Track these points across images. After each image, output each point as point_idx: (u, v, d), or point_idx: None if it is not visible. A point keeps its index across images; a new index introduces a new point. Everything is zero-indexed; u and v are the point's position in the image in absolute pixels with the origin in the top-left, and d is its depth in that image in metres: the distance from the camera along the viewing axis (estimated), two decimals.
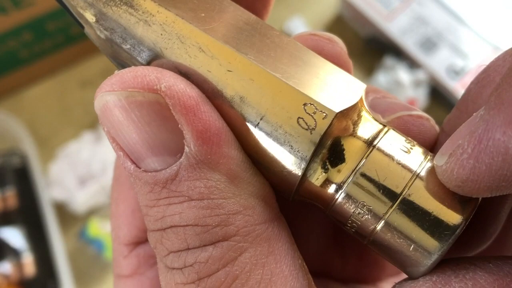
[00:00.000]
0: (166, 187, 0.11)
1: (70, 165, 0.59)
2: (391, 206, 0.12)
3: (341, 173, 0.12)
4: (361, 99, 0.13)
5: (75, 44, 0.67)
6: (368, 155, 0.12)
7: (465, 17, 0.65)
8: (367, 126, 0.13)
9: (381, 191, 0.12)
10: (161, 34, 0.13)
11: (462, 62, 0.64)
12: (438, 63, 0.64)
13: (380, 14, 0.66)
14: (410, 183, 0.12)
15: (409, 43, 0.65)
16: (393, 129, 0.13)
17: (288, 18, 0.71)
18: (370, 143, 0.12)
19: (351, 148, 0.12)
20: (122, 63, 0.14)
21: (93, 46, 0.67)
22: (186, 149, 0.11)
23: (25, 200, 0.59)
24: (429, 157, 0.13)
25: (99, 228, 0.58)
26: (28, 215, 0.59)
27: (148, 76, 0.11)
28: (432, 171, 0.12)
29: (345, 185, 0.12)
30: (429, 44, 0.65)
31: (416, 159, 0.12)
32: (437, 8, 0.66)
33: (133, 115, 0.11)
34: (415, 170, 0.12)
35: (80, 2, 0.14)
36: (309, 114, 0.12)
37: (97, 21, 0.14)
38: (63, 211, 0.61)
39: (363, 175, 0.12)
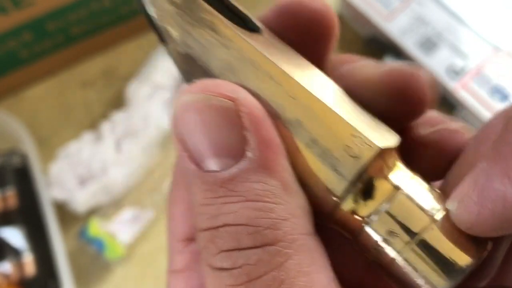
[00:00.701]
0: (224, 186, 0.12)
1: (70, 165, 0.60)
2: (408, 243, 0.14)
3: (368, 207, 0.14)
4: (397, 147, 0.15)
5: (75, 44, 0.67)
6: (394, 197, 0.14)
7: (465, 17, 0.66)
8: (397, 172, 0.15)
9: (401, 229, 0.14)
10: (237, 58, 0.15)
11: (462, 62, 0.64)
12: (438, 63, 0.64)
13: (380, 14, 0.66)
14: (428, 225, 0.14)
15: (409, 43, 0.65)
16: (418, 177, 0.15)
17: None
18: (397, 187, 0.15)
19: (381, 188, 0.14)
20: (195, 79, 0.15)
21: (93, 46, 0.68)
22: (249, 154, 0.12)
23: (25, 200, 0.59)
24: (445, 202, 0.15)
25: (100, 228, 0.58)
26: (28, 214, 0.59)
27: (226, 86, 0.13)
28: (447, 215, 0.14)
29: (371, 219, 0.14)
30: (429, 44, 0.65)
31: (435, 204, 0.15)
32: (437, 8, 0.66)
33: (206, 117, 0.12)
34: (433, 213, 0.15)
35: (169, 20, 0.16)
36: (356, 145, 0.14)
37: (181, 38, 0.16)
38: (63, 211, 0.61)
39: (388, 213, 0.14)
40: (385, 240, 0.14)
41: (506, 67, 0.63)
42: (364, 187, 0.14)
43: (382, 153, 0.14)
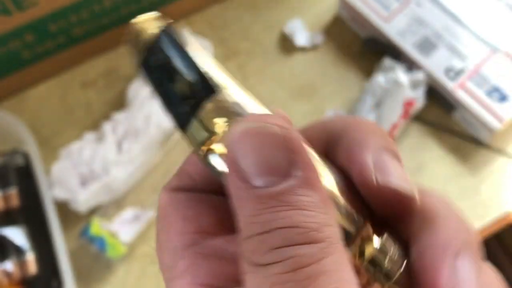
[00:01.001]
0: (275, 198, 0.14)
1: (72, 164, 0.60)
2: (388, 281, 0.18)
3: (365, 253, 0.18)
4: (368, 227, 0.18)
5: (77, 45, 0.67)
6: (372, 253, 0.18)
7: (464, 18, 0.66)
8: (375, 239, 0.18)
9: (383, 272, 0.18)
10: None
11: (460, 63, 0.64)
12: (436, 63, 0.64)
13: (379, 15, 0.67)
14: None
15: (407, 44, 0.65)
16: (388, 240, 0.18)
17: (288, 19, 0.72)
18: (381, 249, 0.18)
19: (368, 245, 0.18)
20: None
21: (95, 47, 0.67)
22: (297, 173, 0.14)
23: (27, 199, 0.60)
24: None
25: (101, 227, 0.59)
26: (30, 214, 0.59)
27: (278, 117, 0.16)
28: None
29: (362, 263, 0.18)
30: (428, 45, 0.65)
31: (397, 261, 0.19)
32: (436, 10, 0.67)
33: (260, 141, 0.15)
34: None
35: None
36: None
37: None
38: (65, 210, 0.61)
39: (371, 261, 0.18)
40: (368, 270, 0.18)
41: (504, 68, 0.64)
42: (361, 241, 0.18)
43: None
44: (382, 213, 0.18)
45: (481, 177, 0.64)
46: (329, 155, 0.18)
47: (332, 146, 0.18)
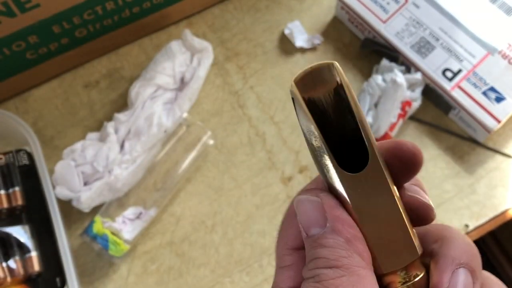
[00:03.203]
0: (315, 241, 0.22)
1: (75, 164, 0.61)
2: None
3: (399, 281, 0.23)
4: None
5: (80, 46, 0.68)
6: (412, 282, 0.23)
7: (461, 20, 0.67)
8: (416, 270, 0.23)
9: None
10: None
11: (457, 64, 0.65)
12: (433, 64, 0.65)
13: (376, 17, 0.68)
14: None
15: (405, 45, 0.66)
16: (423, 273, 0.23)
17: (287, 21, 0.73)
18: (414, 278, 0.23)
19: (408, 276, 0.23)
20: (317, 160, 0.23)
21: (97, 48, 0.68)
22: (329, 224, 0.22)
23: (31, 198, 0.60)
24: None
25: (104, 226, 0.59)
26: (34, 213, 0.60)
27: (317, 191, 0.23)
28: None
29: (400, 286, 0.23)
30: (425, 47, 0.66)
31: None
32: (433, 11, 0.67)
33: (306, 207, 0.23)
34: None
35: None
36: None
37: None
38: (68, 209, 0.62)
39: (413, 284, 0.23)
40: None
41: (500, 68, 0.65)
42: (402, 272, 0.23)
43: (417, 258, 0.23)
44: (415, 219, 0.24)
45: (477, 176, 0.65)
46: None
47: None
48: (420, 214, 0.23)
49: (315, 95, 0.22)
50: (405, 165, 0.23)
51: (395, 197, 0.22)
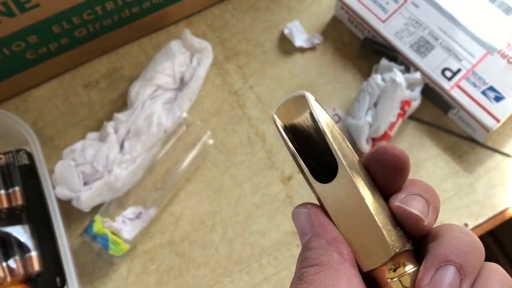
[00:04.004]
0: (305, 246, 0.25)
1: (75, 164, 0.61)
2: None
3: (391, 276, 0.24)
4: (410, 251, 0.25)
5: (80, 46, 0.68)
6: (404, 276, 0.24)
7: (460, 19, 0.67)
8: (408, 264, 0.25)
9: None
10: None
11: (456, 64, 0.65)
12: (433, 64, 0.65)
13: (375, 16, 0.68)
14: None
15: (405, 45, 0.66)
16: (415, 266, 0.24)
17: (287, 21, 0.73)
18: (405, 273, 0.24)
19: (399, 271, 0.24)
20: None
21: (97, 48, 0.68)
22: (314, 230, 0.25)
23: (31, 198, 0.60)
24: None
25: (104, 225, 0.59)
26: (34, 212, 0.60)
27: (306, 205, 0.26)
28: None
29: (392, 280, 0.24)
30: (425, 46, 0.66)
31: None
32: (432, 10, 0.67)
33: (300, 218, 0.25)
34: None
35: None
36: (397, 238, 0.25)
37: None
38: (68, 209, 0.62)
39: (400, 281, 0.24)
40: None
41: (499, 68, 0.65)
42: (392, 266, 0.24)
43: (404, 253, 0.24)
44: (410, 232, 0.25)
45: (477, 175, 0.65)
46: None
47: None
48: (410, 225, 0.24)
49: (295, 121, 0.26)
50: (389, 169, 0.25)
51: (366, 203, 0.24)
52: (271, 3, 0.74)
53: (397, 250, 0.24)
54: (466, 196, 0.64)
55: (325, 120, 0.25)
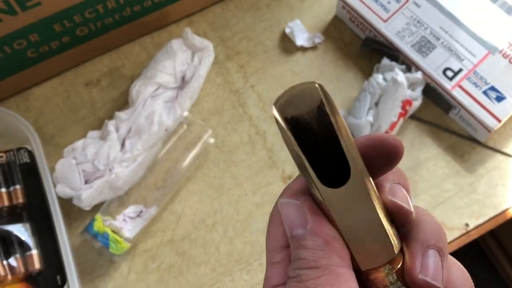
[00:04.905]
0: (297, 241, 0.24)
1: (76, 162, 0.61)
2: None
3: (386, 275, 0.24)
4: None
5: (81, 45, 0.68)
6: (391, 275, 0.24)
7: (461, 19, 0.67)
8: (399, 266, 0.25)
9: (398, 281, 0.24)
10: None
11: (458, 63, 0.65)
12: (434, 63, 0.65)
13: (377, 16, 0.68)
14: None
15: (406, 44, 0.66)
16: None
17: (288, 20, 0.73)
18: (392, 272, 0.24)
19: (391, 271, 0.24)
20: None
21: (98, 47, 0.68)
22: (308, 227, 0.23)
23: (32, 196, 0.60)
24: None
25: (104, 224, 0.59)
26: (35, 211, 0.60)
27: (297, 190, 0.25)
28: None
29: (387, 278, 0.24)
30: (426, 46, 0.66)
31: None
32: (434, 10, 0.67)
33: (289, 209, 0.24)
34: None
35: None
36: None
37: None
38: (69, 207, 0.62)
39: (392, 283, 0.24)
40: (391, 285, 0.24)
41: (501, 68, 0.65)
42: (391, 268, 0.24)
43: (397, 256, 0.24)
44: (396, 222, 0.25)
45: (478, 175, 0.65)
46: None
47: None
48: (400, 218, 0.25)
49: (297, 113, 0.23)
50: (386, 158, 0.25)
51: (376, 209, 0.23)
52: (272, 2, 0.74)
53: (398, 249, 0.24)
54: (467, 196, 0.64)
55: (339, 119, 0.23)
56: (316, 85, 0.23)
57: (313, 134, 0.23)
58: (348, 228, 0.23)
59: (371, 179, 0.24)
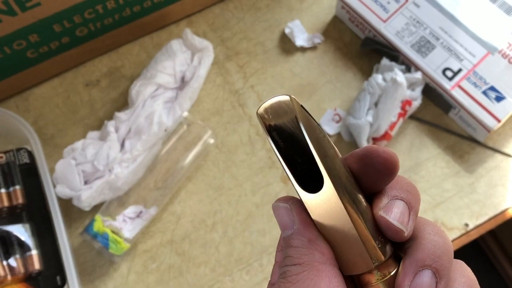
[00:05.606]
0: (285, 241, 0.25)
1: (75, 163, 0.61)
2: None
3: (376, 279, 0.25)
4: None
5: (81, 45, 0.68)
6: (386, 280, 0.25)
7: (461, 19, 0.67)
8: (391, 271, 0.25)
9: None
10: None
11: (457, 63, 0.65)
12: (434, 64, 0.65)
13: (376, 16, 0.68)
14: None
15: (405, 45, 0.66)
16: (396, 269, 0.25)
17: (287, 20, 0.73)
18: (386, 276, 0.25)
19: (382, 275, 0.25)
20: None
21: (98, 47, 0.68)
22: (295, 227, 0.25)
23: (31, 196, 0.60)
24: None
25: (104, 224, 0.59)
26: (35, 211, 0.60)
27: (288, 199, 0.26)
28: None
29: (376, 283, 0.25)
30: (426, 46, 0.66)
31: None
32: (433, 10, 0.67)
33: (281, 212, 0.26)
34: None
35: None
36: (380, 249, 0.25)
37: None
38: (69, 207, 0.62)
39: (379, 285, 0.25)
40: None
41: (500, 68, 0.65)
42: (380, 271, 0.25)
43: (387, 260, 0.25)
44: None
45: (477, 175, 0.65)
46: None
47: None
48: (390, 235, 0.25)
49: (280, 122, 0.25)
50: (379, 171, 0.25)
51: (350, 220, 0.24)
52: (272, 2, 0.74)
53: (376, 264, 0.24)
54: (467, 196, 0.64)
55: (310, 131, 0.24)
56: (289, 98, 0.24)
57: (296, 140, 0.25)
58: (325, 232, 0.25)
59: (356, 189, 0.25)
